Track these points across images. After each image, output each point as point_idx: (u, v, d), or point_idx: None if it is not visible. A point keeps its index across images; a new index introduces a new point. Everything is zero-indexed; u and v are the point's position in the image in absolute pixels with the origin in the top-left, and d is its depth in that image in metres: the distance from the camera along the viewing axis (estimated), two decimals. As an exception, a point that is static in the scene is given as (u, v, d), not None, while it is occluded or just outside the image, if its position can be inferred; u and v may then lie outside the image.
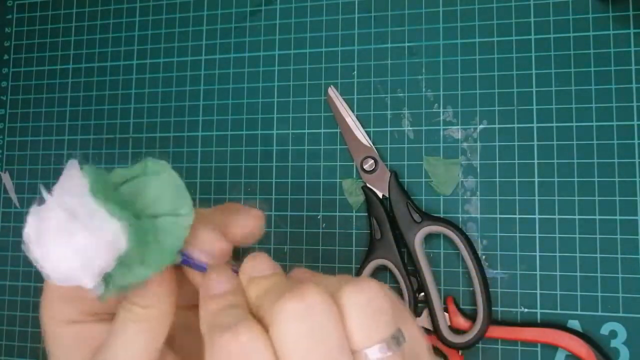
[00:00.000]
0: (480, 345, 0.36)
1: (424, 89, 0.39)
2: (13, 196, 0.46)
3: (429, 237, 0.38)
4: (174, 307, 0.24)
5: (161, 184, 0.21)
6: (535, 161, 0.37)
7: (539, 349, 0.36)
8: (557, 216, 0.36)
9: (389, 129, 0.39)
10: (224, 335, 0.19)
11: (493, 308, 0.36)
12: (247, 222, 0.27)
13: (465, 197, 0.38)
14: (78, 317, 0.25)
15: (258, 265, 0.23)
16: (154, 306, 0.23)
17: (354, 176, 0.39)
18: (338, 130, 0.40)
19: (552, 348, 0.35)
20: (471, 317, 0.36)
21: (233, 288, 0.22)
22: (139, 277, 0.21)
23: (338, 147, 0.40)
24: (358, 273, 0.37)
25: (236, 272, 0.23)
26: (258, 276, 0.22)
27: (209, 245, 0.23)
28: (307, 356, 0.18)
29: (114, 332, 0.24)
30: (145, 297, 0.23)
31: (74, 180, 0.19)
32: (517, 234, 0.37)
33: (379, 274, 0.38)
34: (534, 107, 0.37)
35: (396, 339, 0.19)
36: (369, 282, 0.20)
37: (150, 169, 0.21)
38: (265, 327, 0.19)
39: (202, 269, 0.23)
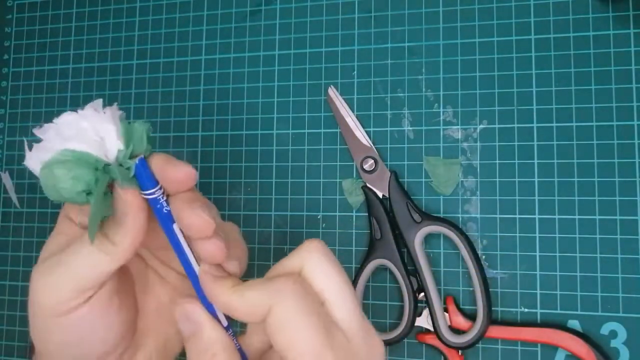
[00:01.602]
0: (480, 345, 0.36)
1: (424, 89, 0.39)
2: (13, 196, 0.46)
3: (428, 237, 0.38)
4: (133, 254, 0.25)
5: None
6: (535, 161, 0.37)
7: (539, 349, 0.36)
8: (557, 216, 0.36)
9: (389, 129, 0.39)
10: None
11: (493, 308, 0.36)
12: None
13: (465, 197, 0.38)
14: (75, 299, 0.24)
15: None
16: (121, 244, 0.24)
17: (354, 176, 0.39)
18: (338, 130, 0.40)
19: (552, 348, 0.35)
20: (471, 317, 0.36)
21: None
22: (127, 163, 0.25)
23: (338, 147, 0.40)
24: (358, 273, 0.37)
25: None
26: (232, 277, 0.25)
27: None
28: (340, 273, 0.23)
29: (73, 249, 0.24)
30: (118, 233, 0.24)
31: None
32: (517, 234, 0.37)
33: (379, 273, 0.38)
34: (534, 107, 0.37)
35: None
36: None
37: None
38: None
39: (151, 183, 0.25)
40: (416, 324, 0.36)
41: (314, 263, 0.23)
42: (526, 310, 0.36)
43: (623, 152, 0.36)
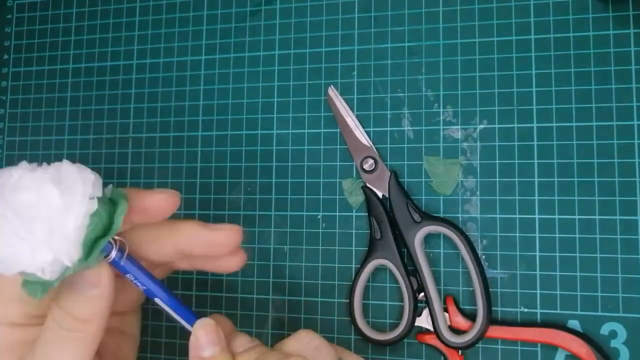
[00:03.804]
0: (480, 345, 0.36)
1: (424, 89, 0.39)
2: (13, 196, 0.46)
3: (428, 237, 0.38)
4: (107, 320, 0.24)
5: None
6: (535, 161, 0.37)
7: (539, 349, 0.36)
8: (557, 216, 0.36)
9: (389, 129, 0.39)
10: None
11: (493, 308, 0.36)
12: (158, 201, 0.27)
13: (465, 197, 0.38)
14: (21, 320, 0.24)
15: (238, 341, 0.26)
16: (92, 321, 0.23)
17: (354, 176, 0.39)
18: (338, 130, 0.40)
19: (552, 348, 0.35)
20: (471, 317, 0.36)
21: (221, 350, 0.25)
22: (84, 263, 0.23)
23: (338, 147, 0.40)
24: (358, 273, 0.37)
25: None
26: (242, 351, 0.26)
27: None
28: None
29: (45, 340, 0.23)
30: (84, 309, 0.23)
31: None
32: (517, 234, 0.37)
33: (379, 273, 0.38)
34: (534, 107, 0.37)
35: None
36: None
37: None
38: None
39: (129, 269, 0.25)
40: (416, 324, 0.36)
41: None
42: (526, 310, 0.36)
43: (623, 152, 0.36)
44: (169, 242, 0.27)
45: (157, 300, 0.26)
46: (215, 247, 0.28)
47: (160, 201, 0.26)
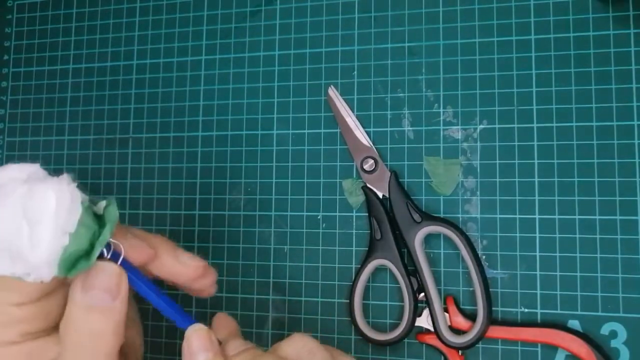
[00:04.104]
0: (480, 345, 0.36)
1: (424, 89, 0.39)
2: (13, 196, 0.46)
3: (429, 237, 0.38)
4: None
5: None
6: (535, 161, 0.37)
7: (539, 349, 0.36)
8: (557, 216, 0.36)
9: (389, 129, 0.39)
10: None
11: (493, 308, 0.36)
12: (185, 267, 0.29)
13: (465, 197, 0.38)
14: (17, 338, 0.25)
15: (231, 345, 0.27)
16: (119, 296, 0.24)
17: (354, 176, 0.39)
18: (338, 130, 0.40)
19: (552, 348, 0.35)
20: (471, 317, 0.36)
21: (213, 355, 0.25)
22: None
23: (338, 147, 0.40)
24: (358, 273, 0.37)
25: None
26: (235, 354, 0.26)
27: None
28: None
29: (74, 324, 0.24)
30: (112, 286, 0.24)
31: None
32: (517, 234, 0.37)
33: (379, 273, 0.38)
34: (534, 107, 0.37)
35: None
36: None
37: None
38: None
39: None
40: (416, 324, 0.36)
41: None
42: (526, 310, 0.36)
43: (623, 152, 0.36)
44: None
45: (153, 305, 0.26)
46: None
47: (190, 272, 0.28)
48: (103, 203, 0.25)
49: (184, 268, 0.28)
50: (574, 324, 0.35)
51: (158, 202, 0.43)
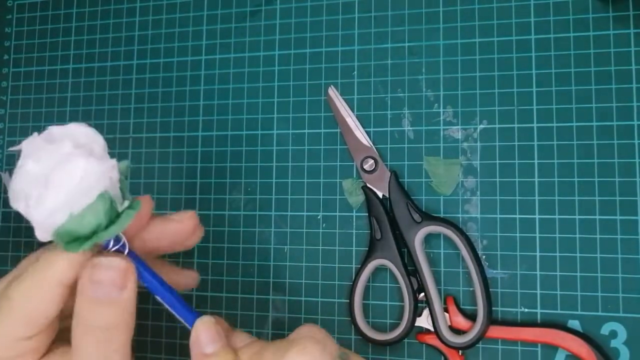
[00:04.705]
0: (480, 345, 0.36)
1: (424, 89, 0.39)
2: (13, 196, 0.46)
3: (429, 237, 0.38)
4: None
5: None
6: (536, 161, 0.37)
7: (539, 349, 0.36)
8: (557, 216, 0.36)
9: (389, 129, 0.39)
10: None
11: (493, 308, 0.36)
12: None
13: (465, 197, 0.38)
14: (32, 332, 0.25)
15: (238, 337, 0.27)
16: (125, 289, 0.24)
17: (354, 176, 0.39)
18: (338, 130, 0.40)
19: (552, 348, 0.35)
20: (471, 317, 0.36)
21: (222, 346, 0.25)
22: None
23: (338, 147, 0.40)
24: (358, 273, 0.37)
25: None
26: (242, 345, 0.26)
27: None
28: None
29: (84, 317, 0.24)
30: (119, 280, 0.24)
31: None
32: (517, 234, 0.37)
33: (379, 273, 0.38)
34: (534, 107, 0.37)
35: None
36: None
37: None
38: None
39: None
40: (416, 324, 0.36)
41: None
42: (526, 310, 0.36)
43: (623, 152, 0.36)
44: (137, 241, 0.28)
45: (158, 297, 0.26)
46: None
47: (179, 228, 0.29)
48: (126, 204, 0.25)
49: (179, 224, 0.29)
50: (574, 324, 0.35)
51: (158, 202, 0.43)
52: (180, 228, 0.29)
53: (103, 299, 0.24)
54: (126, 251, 0.25)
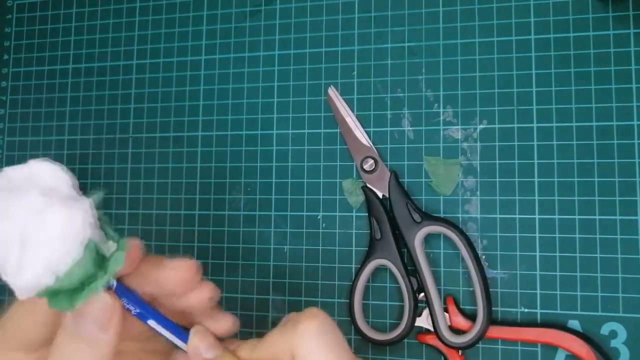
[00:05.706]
0: (480, 345, 0.36)
1: (424, 89, 0.39)
2: (13, 196, 0.46)
3: (429, 237, 0.38)
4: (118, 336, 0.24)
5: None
6: (535, 161, 0.37)
7: (539, 349, 0.36)
8: (557, 216, 0.36)
9: (389, 129, 0.39)
10: None
11: (493, 308, 0.36)
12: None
13: (465, 197, 0.38)
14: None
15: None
16: (108, 330, 0.23)
17: (354, 176, 0.39)
18: (338, 130, 0.40)
19: (552, 348, 0.35)
20: (471, 317, 0.36)
21: (221, 350, 0.25)
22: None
23: (338, 147, 0.40)
24: (358, 273, 0.37)
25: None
26: (235, 347, 0.26)
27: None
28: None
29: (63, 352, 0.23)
30: (102, 319, 0.23)
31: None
32: (517, 234, 0.37)
33: (379, 273, 0.38)
34: (534, 107, 0.37)
35: None
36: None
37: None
38: None
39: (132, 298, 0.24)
40: (416, 324, 0.36)
41: (306, 353, 0.22)
42: (526, 310, 0.36)
43: (623, 152, 0.36)
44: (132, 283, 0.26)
45: (150, 322, 0.26)
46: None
47: (172, 277, 0.26)
48: (113, 246, 0.22)
49: (173, 271, 0.26)
50: (574, 324, 0.35)
51: (158, 202, 0.43)
52: (174, 276, 0.26)
53: (84, 337, 0.23)
54: (114, 286, 0.24)
